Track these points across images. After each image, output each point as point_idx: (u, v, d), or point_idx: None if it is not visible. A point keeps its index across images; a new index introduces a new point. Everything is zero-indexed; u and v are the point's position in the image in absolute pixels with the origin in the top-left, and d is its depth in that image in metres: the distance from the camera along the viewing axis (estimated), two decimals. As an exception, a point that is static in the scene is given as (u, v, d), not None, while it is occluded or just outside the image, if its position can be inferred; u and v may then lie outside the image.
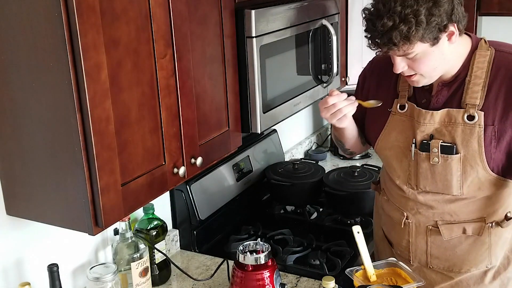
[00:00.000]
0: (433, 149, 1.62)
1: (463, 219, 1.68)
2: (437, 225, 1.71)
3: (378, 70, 1.81)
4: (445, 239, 1.71)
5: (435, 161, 1.62)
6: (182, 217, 2.18)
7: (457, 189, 1.64)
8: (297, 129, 3.13)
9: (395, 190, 1.78)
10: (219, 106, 1.73)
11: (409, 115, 1.68)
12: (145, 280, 1.80)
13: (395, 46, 1.47)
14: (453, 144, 1.60)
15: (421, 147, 1.64)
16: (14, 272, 1.59)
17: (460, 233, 1.70)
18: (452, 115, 1.60)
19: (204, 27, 1.62)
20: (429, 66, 1.55)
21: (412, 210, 1.74)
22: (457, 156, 1.60)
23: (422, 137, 1.64)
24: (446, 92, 1.63)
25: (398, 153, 1.72)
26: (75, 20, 1.18)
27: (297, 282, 1.93)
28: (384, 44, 1.49)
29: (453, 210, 1.68)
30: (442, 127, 1.61)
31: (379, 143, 1.78)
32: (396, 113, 1.72)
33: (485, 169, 1.59)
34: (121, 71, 1.33)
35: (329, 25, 2.14)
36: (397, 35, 1.44)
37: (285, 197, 2.49)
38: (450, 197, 1.66)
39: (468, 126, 1.58)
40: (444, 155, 1.61)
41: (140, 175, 1.43)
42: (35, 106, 1.30)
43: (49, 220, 1.42)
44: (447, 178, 1.63)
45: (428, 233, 1.73)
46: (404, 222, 1.77)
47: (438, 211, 1.69)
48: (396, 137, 1.72)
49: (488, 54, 1.59)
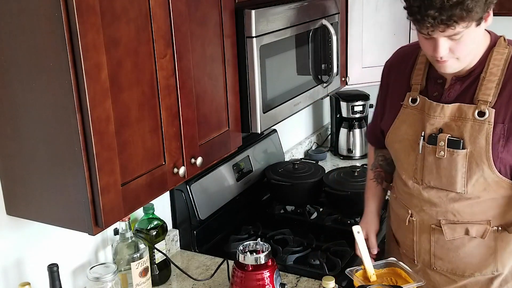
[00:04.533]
0: (439, 143, 1.60)
1: (467, 220, 1.66)
2: (440, 224, 1.69)
3: (397, 63, 1.80)
4: (447, 238, 1.69)
5: (441, 154, 1.60)
6: (182, 217, 2.18)
7: (461, 186, 1.61)
8: (297, 129, 3.13)
9: (401, 187, 1.77)
10: (219, 106, 1.73)
11: (420, 108, 1.66)
12: (145, 280, 1.80)
13: (455, 23, 1.39)
14: (460, 139, 1.58)
15: (429, 140, 1.62)
16: (14, 272, 1.59)
17: (462, 233, 1.67)
18: (462, 110, 1.58)
19: (204, 27, 1.62)
20: (468, 49, 1.50)
21: (416, 207, 1.72)
22: (463, 151, 1.57)
23: (431, 130, 1.62)
24: (459, 87, 1.60)
25: (406, 146, 1.70)
26: (75, 20, 1.18)
27: (297, 282, 1.93)
28: (442, 22, 1.39)
29: (456, 210, 1.65)
30: (451, 121, 1.59)
31: (389, 136, 1.76)
32: (408, 107, 1.70)
33: (491, 168, 1.56)
34: (121, 71, 1.33)
35: (329, 25, 2.14)
36: (461, 11, 1.36)
37: (285, 197, 2.49)
38: (454, 195, 1.64)
39: (478, 122, 1.56)
40: (450, 149, 1.59)
41: (140, 175, 1.43)
42: (35, 106, 1.30)
43: (49, 220, 1.42)
44: (451, 173, 1.61)
45: (432, 232, 1.71)
46: (408, 220, 1.75)
47: (442, 210, 1.67)
48: (405, 131, 1.70)
49: (506, 52, 1.57)
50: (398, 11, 2.67)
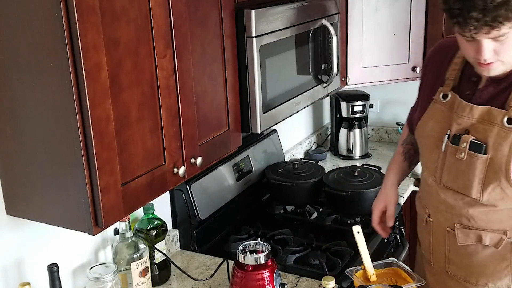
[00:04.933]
0: (462, 144, 1.55)
1: (482, 227, 1.60)
2: (454, 228, 1.64)
3: (436, 54, 1.74)
4: (459, 243, 1.64)
5: (461, 156, 1.55)
6: (182, 217, 2.18)
7: (477, 192, 1.55)
8: (297, 129, 3.13)
9: (423, 184, 1.75)
10: (219, 106, 1.73)
11: (449, 105, 1.61)
12: (145, 280, 1.80)
13: (500, 24, 1.32)
14: (484, 143, 1.51)
15: (453, 139, 1.57)
16: (14, 272, 1.59)
17: (475, 240, 1.61)
18: (492, 114, 1.51)
19: (204, 27, 1.62)
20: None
21: (433, 207, 1.69)
22: (484, 156, 1.51)
23: (457, 130, 1.57)
24: (492, 89, 1.53)
25: (431, 143, 1.66)
26: (75, 20, 1.18)
27: (297, 282, 1.93)
28: (486, 23, 1.32)
29: (471, 215, 1.59)
30: (479, 124, 1.53)
31: (417, 130, 1.73)
32: (438, 102, 1.65)
33: (508, 179, 1.50)
34: (121, 71, 1.33)
35: (329, 25, 2.14)
36: (507, 12, 1.29)
37: (285, 197, 2.49)
38: (469, 200, 1.58)
39: (505, 129, 1.49)
40: (471, 152, 1.53)
41: (140, 175, 1.43)
42: (35, 106, 1.30)
43: (49, 220, 1.42)
44: (469, 177, 1.55)
45: (447, 236, 1.67)
46: (426, 220, 1.73)
47: (457, 213, 1.62)
48: (432, 127, 1.66)
49: None
50: (398, 11, 2.67)
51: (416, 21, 2.71)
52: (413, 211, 2.77)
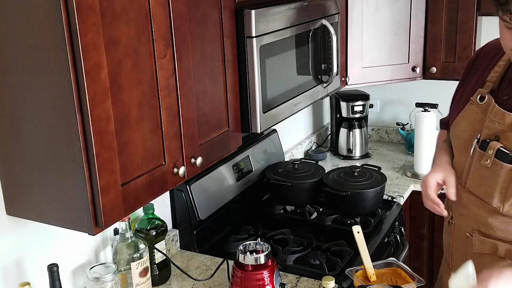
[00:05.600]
0: (489, 150, 1.50)
1: (499, 237, 1.55)
2: (472, 234, 1.61)
3: (484, 53, 1.70)
4: (475, 250, 1.60)
5: (486, 162, 1.51)
6: (182, 217, 2.18)
7: (498, 201, 1.51)
8: (297, 129, 3.13)
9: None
10: (219, 106, 1.73)
11: (484, 108, 1.55)
12: (145, 280, 1.80)
13: None
14: (511, 153, 1.46)
15: (481, 144, 1.53)
16: (14, 272, 1.59)
17: (491, 249, 1.57)
18: None
19: (204, 27, 1.62)
20: None
21: (456, 210, 1.67)
22: (509, 166, 1.46)
23: (487, 135, 1.52)
24: None
25: (461, 144, 1.62)
26: (75, 20, 1.18)
27: (297, 282, 1.93)
28: None
29: (490, 224, 1.55)
30: (510, 132, 1.47)
31: (451, 130, 1.69)
32: (473, 103, 1.59)
33: None
34: (121, 71, 1.33)
35: (329, 25, 2.14)
36: None
37: (285, 197, 2.49)
38: (490, 208, 1.54)
39: None
40: (496, 160, 1.49)
41: (140, 175, 1.43)
42: (35, 106, 1.30)
43: (49, 220, 1.42)
44: (491, 185, 1.51)
45: (466, 241, 1.64)
46: (448, 222, 1.71)
47: (477, 219, 1.59)
48: (464, 128, 1.61)
49: None
50: (398, 11, 2.67)
51: (416, 21, 2.71)
52: (413, 211, 2.79)
